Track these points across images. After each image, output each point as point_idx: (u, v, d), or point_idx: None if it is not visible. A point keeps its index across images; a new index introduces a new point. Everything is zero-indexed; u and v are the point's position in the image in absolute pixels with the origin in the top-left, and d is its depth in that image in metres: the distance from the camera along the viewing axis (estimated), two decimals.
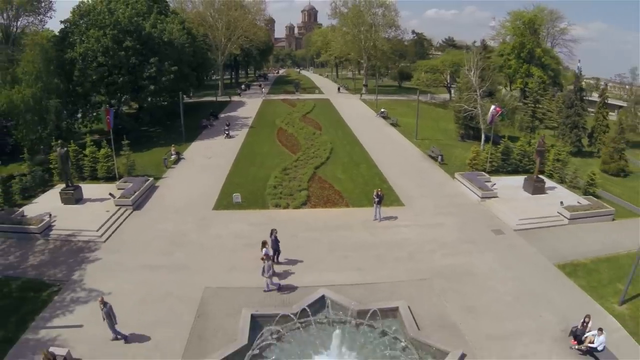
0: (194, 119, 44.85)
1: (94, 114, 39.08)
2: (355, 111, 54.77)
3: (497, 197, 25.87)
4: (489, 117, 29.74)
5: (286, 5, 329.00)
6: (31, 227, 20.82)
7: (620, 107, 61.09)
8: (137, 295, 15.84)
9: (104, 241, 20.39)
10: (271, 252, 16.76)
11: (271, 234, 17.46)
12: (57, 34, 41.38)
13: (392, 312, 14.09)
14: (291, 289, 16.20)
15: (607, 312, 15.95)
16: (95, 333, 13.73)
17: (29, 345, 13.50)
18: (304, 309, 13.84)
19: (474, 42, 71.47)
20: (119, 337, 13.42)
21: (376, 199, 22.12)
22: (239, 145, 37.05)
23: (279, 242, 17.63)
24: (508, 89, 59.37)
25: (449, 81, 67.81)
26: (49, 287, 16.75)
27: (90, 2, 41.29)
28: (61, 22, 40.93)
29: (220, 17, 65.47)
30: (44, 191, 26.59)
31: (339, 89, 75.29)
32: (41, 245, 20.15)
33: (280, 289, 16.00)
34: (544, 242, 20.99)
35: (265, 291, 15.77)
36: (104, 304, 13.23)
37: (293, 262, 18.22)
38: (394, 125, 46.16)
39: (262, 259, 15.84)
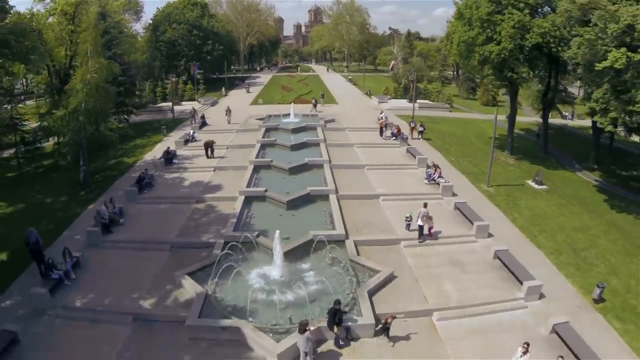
0: (229, 82, 72.08)
1: (183, 69, 67.02)
2: (334, 80, 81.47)
3: (387, 102, 52.43)
4: (390, 66, 56.28)
5: (294, 4, 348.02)
6: (164, 108, 47.88)
7: None
8: (222, 117, 42.72)
9: (203, 112, 47.54)
10: (314, 102, 45.03)
11: (314, 100, 45.53)
12: (144, 29, 69.37)
13: (316, 118, 40.82)
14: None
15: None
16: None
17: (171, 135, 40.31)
18: (284, 114, 40.81)
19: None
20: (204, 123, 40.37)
21: (321, 96, 49.26)
22: (258, 92, 64.14)
23: (317, 101, 45.21)
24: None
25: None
26: (182, 120, 43.87)
27: (164, 9, 69.14)
28: (151, 19, 68.77)
29: (242, 17, 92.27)
30: (154, 104, 53.53)
31: (327, 69, 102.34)
32: (169, 116, 47.11)
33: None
34: (399, 112, 47.26)
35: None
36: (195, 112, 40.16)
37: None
38: (354, 85, 72.91)
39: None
